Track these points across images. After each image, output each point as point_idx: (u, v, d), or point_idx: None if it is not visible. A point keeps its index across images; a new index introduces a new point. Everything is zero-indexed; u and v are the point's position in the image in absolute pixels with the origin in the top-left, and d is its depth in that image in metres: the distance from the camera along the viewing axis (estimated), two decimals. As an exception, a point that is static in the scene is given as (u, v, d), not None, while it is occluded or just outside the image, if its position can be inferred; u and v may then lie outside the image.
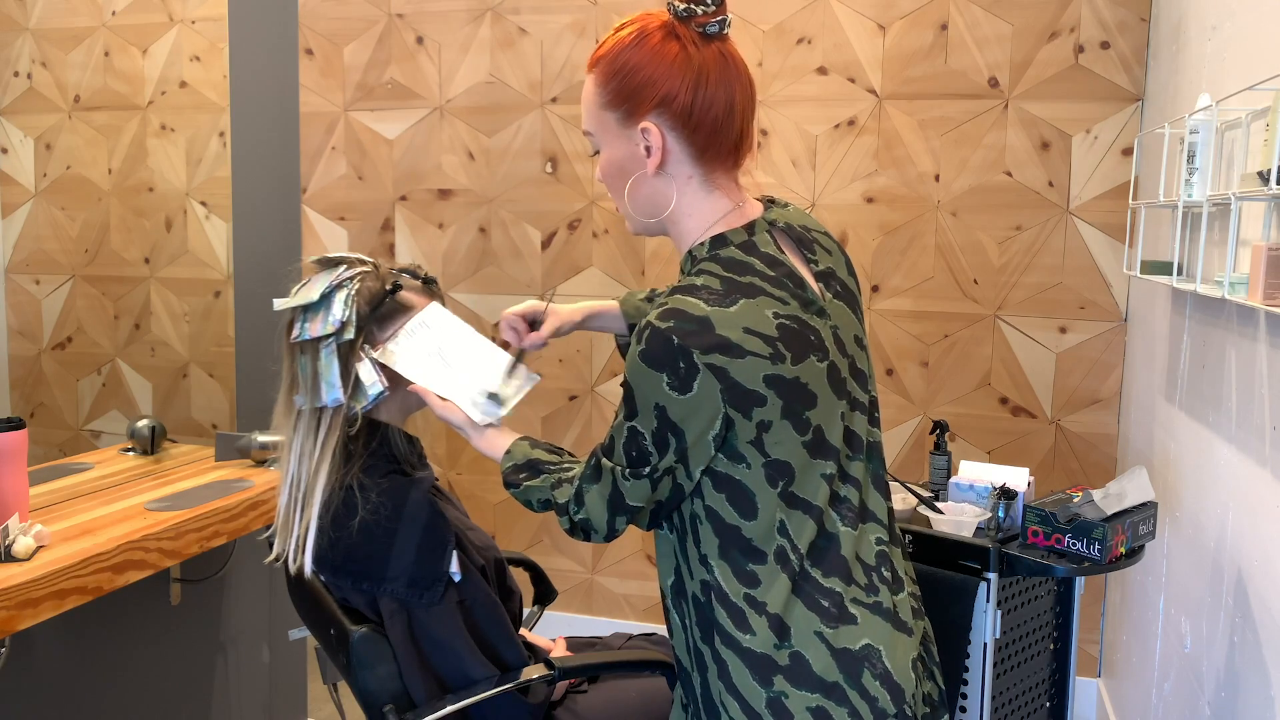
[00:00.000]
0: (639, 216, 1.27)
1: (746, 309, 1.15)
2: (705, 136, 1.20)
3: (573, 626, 3.31)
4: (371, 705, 1.51)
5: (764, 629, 1.19)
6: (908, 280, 2.97)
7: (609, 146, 1.25)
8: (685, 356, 1.12)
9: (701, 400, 1.13)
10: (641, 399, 1.16)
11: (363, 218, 3.43)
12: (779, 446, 1.17)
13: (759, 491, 1.18)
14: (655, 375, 1.14)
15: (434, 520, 1.50)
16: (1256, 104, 1.58)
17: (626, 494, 1.23)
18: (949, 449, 2.21)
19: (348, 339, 1.49)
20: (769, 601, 1.19)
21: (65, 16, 2.57)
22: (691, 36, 1.19)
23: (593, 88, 1.23)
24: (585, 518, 1.28)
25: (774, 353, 1.15)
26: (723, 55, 1.20)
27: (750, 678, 1.19)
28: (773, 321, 1.16)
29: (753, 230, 1.23)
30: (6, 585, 1.53)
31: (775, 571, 1.19)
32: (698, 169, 1.22)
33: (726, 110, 1.20)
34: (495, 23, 3.24)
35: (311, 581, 1.56)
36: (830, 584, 1.20)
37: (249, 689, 2.45)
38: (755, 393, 1.14)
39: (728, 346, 1.13)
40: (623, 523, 1.26)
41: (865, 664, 1.19)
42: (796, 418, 1.17)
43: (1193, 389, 2.00)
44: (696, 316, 1.13)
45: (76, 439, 2.67)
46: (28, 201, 2.60)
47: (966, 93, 2.87)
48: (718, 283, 1.17)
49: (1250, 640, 1.56)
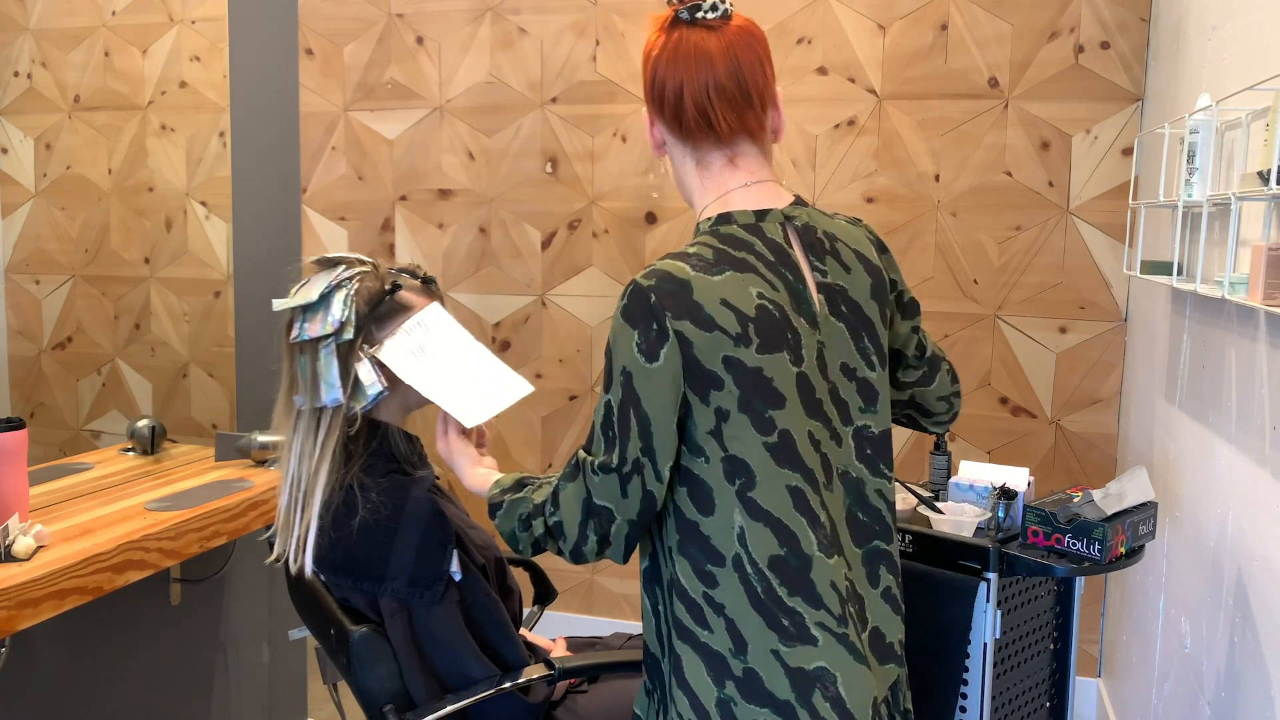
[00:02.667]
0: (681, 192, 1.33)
1: (731, 281, 1.16)
2: (669, 117, 1.25)
3: (573, 626, 3.31)
4: (371, 705, 1.51)
5: (721, 630, 1.18)
6: (908, 280, 2.97)
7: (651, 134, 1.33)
8: (658, 318, 1.13)
9: (664, 373, 1.13)
10: (615, 363, 1.16)
11: (363, 218, 3.43)
12: (736, 442, 1.15)
13: (717, 488, 1.17)
14: (629, 332, 1.14)
15: (434, 520, 1.50)
16: (1256, 104, 1.58)
17: (594, 490, 1.19)
18: (949, 449, 2.21)
19: (347, 339, 1.49)
20: (727, 605, 1.17)
21: (65, 16, 2.57)
22: (662, 25, 1.26)
23: None
24: (558, 520, 1.22)
25: (740, 334, 1.14)
26: (677, 42, 1.23)
27: (705, 673, 1.18)
28: (754, 301, 1.16)
29: (763, 217, 1.24)
30: (6, 585, 1.53)
31: (733, 578, 1.17)
32: (687, 147, 1.27)
33: (676, 93, 1.23)
34: (495, 23, 3.24)
35: (312, 581, 1.56)
36: (794, 604, 1.17)
37: (249, 689, 2.45)
38: (713, 374, 1.14)
39: (699, 316, 1.13)
40: (593, 530, 1.19)
41: (818, 685, 1.17)
42: (757, 415, 1.15)
43: (1193, 389, 2.00)
44: (679, 279, 1.15)
45: (76, 439, 2.67)
46: (28, 201, 2.60)
47: (966, 93, 2.87)
48: (710, 253, 1.19)
49: (1250, 640, 1.56)
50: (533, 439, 3.32)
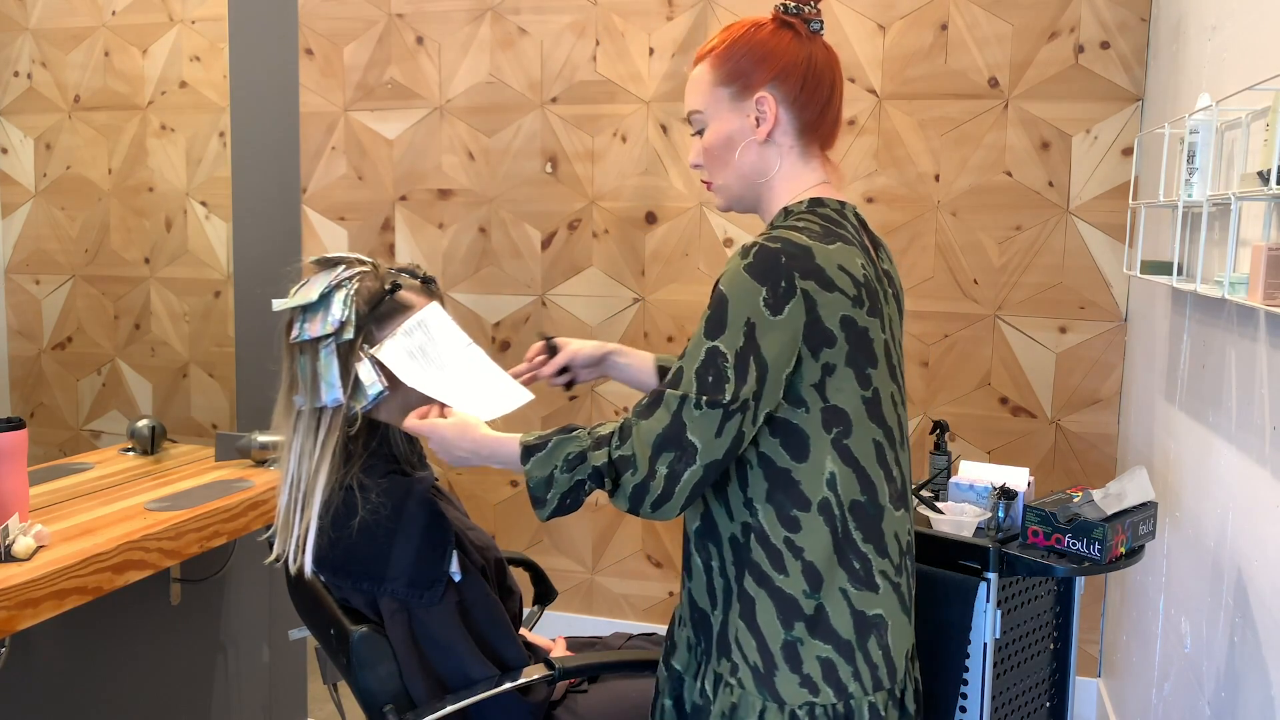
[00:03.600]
0: (741, 185, 1.36)
1: (842, 250, 1.24)
2: (811, 113, 1.33)
3: (573, 626, 3.31)
4: (371, 705, 1.51)
5: (798, 573, 1.24)
6: (908, 280, 2.97)
7: (719, 120, 1.34)
8: (788, 276, 1.19)
9: (787, 327, 1.19)
10: (734, 312, 1.19)
11: (363, 218, 3.43)
12: (839, 394, 1.23)
13: (813, 436, 1.23)
14: (756, 288, 1.19)
15: (434, 520, 1.50)
16: (1256, 104, 1.58)
17: (690, 424, 1.18)
18: (949, 449, 2.21)
19: (347, 339, 1.49)
20: (806, 548, 1.24)
21: (65, 16, 2.57)
22: (802, 29, 1.34)
23: (706, 70, 1.35)
24: (625, 454, 1.21)
25: (856, 296, 1.23)
26: (826, 48, 1.35)
27: (775, 617, 1.25)
28: (861, 270, 1.25)
29: (844, 207, 1.34)
30: (6, 585, 1.53)
31: (818, 522, 1.24)
32: (799, 141, 1.34)
33: (829, 91, 1.34)
34: (495, 23, 3.24)
35: (311, 582, 1.56)
36: (865, 550, 1.26)
37: (249, 689, 2.45)
38: (830, 332, 1.21)
39: (822, 277, 1.21)
40: (665, 465, 1.18)
41: (874, 631, 1.26)
42: (860, 370, 1.24)
43: (1193, 389, 2.00)
44: (800, 244, 1.22)
45: (76, 439, 2.67)
46: (28, 201, 2.60)
47: (966, 93, 2.87)
48: (817, 227, 1.27)
49: (1250, 640, 1.56)
50: (533, 439, 3.31)
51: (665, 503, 1.21)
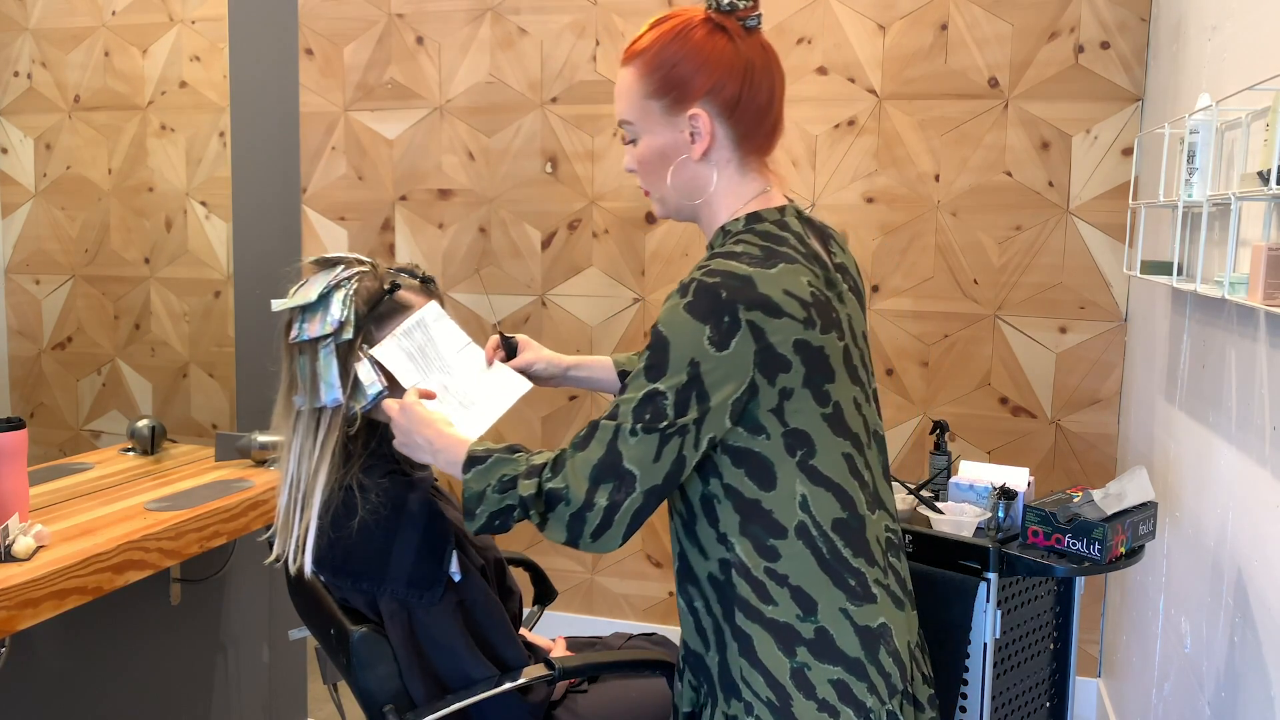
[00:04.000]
0: (678, 200, 1.31)
1: (786, 272, 1.19)
2: (748, 124, 1.26)
3: (573, 626, 3.31)
4: (371, 705, 1.51)
5: (786, 600, 1.21)
6: (908, 280, 2.97)
7: (651, 134, 1.28)
8: (730, 311, 1.14)
9: (735, 360, 1.15)
10: (676, 353, 1.15)
11: (363, 218, 3.43)
12: (798, 415, 1.19)
13: (778, 462, 1.20)
14: (698, 327, 1.15)
15: (434, 520, 1.50)
16: (1256, 104, 1.58)
17: (625, 452, 1.16)
18: (949, 449, 2.21)
19: (346, 339, 1.49)
20: (790, 574, 1.21)
21: (65, 16, 2.57)
22: (736, 29, 1.25)
23: (635, 79, 1.28)
24: (558, 486, 1.18)
25: (807, 318, 1.18)
26: (763, 47, 1.27)
27: (775, 648, 1.21)
28: (808, 288, 1.20)
29: (784, 213, 1.29)
30: (6, 585, 1.53)
31: (797, 547, 1.20)
32: (736, 153, 1.28)
33: (768, 100, 1.27)
34: (495, 23, 3.24)
35: (311, 582, 1.56)
36: (858, 564, 1.23)
37: (249, 689, 2.45)
38: (784, 357, 1.17)
39: (769, 305, 1.16)
40: (604, 497, 1.16)
41: (882, 641, 1.23)
42: (817, 389, 1.20)
43: (1193, 389, 2.00)
44: (740, 274, 1.16)
45: (76, 439, 2.67)
46: (28, 201, 2.60)
47: (966, 93, 2.87)
48: (757, 249, 1.21)
49: (1250, 640, 1.56)
50: (532, 439, 3.32)
51: (605, 531, 1.17)
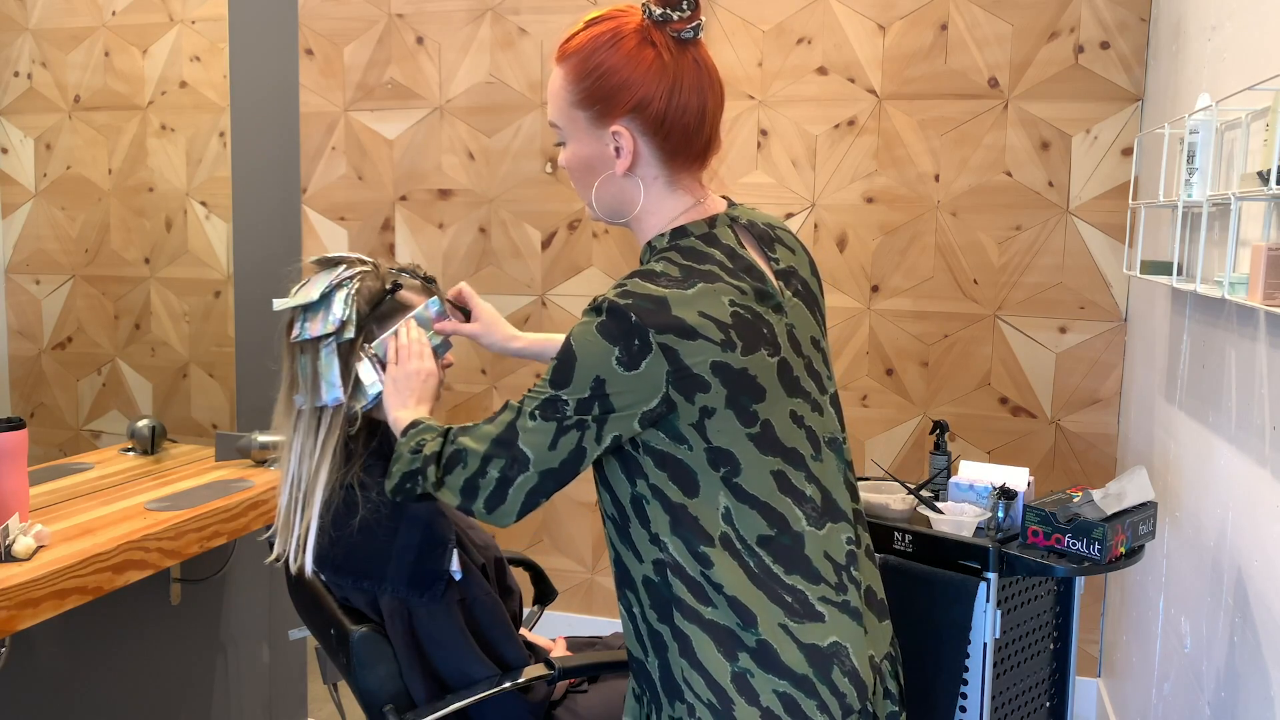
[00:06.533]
0: (605, 211, 1.30)
1: (703, 293, 1.16)
2: (676, 142, 1.22)
3: (573, 626, 3.31)
4: (371, 705, 1.51)
5: (725, 606, 1.18)
6: (908, 280, 2.97)
7: (576, 143, 1.26)
8: (641, 334, 1.12)
9: (645, 380, 1.13)
10: (582, 370, 1.15)
11: (363, 218, 3.43)
12: (721, 435, 1.16)
13: (700, 472, 1.17)
14: (607, 348, 1.13)
15: (434, 519, 1.50)
16: (1256, 104, 1.58)
17: (522, 434, 1.18)
18: (949, 449, 2.21)
19: (348, 338, 1.50)
20: (725, 584, 1.17)
21: (65, 16, 2.57)
22: (666, 42, 1.20)
23: (563, 84, 1.23)
24: (457, 448, 1.23)
25: (725, 340, 1.15)
26: (696, 62, 1.21)
27: (715, 650, 1.18)
28: (728, 309, 1.17)
29: (714, 224, 1.25)
30: (6, 585, 1.53)
31: (724, 556, 1.17)
32: (664, 170, 1.24)
33: (698, 117, 1.22)
34: (495, 23, 3.24)
35: (312, 581, 1.56)
36: (793, 581, 1.18)
37: (249, 689, 2.45)
38: (701, 378, 1.14)
39: (681, 328, 1.13)
40: (496, 469, 1.18)
41: (835, 661, 1.19)
42: (742, 410, 1.16)
43: (1193, 389, 2.00)
44: (654, 297, 1.14)
45: (76, 439, 2.67)
46: (28, 201, 2.60)
47: (966, 93, 2.87)
48: (676, 270, 1.19)
49: (1250, 640, 1.56)
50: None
51: (499, 505, 1.20)
